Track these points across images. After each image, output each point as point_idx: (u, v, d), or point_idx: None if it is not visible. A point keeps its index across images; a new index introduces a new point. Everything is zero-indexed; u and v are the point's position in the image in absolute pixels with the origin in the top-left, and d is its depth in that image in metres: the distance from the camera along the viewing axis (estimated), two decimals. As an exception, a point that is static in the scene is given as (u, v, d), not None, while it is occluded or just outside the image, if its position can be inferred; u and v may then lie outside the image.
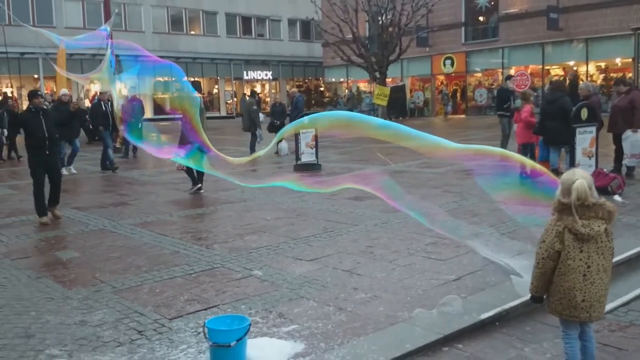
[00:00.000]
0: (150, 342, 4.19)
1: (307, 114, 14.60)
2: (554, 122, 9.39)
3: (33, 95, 8.22)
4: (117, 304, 4.94)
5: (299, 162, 13.24)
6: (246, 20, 41.61)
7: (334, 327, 4.37)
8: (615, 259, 5.42)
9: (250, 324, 3.84)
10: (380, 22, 26.63)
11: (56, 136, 8.44)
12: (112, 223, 8.07)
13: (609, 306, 4.65)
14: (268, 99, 38.04)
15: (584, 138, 8.80)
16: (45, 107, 8.56)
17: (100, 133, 14.40)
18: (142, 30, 36.51)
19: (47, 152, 8.11)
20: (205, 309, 4.78)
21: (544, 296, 3.46)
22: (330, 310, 4.71)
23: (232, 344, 3.70)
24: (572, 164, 8.73)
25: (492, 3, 29.75)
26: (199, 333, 4.30)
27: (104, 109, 14.29)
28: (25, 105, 28.16)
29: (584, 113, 8.83)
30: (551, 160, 9.71)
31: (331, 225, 7.60)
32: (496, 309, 4.52)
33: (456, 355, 4.02)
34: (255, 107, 16.87)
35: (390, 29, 26.37)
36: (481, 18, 30.96)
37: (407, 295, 4.96)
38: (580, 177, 3.24)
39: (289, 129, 7.78)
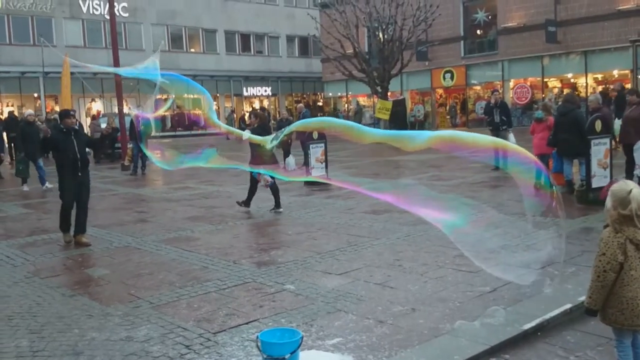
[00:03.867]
0: (199, 356, 4.23)
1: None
2: (567, 134, 9.52)
3: (65, 115, 8.09)
4: (159, 319, 4.99)
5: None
6: (245, 37, 41.89)
7: (378, 340, 4.42)
8: None
9: (302, 337, 3.90)
10: (381, 37, 26.88)
11: (88, 157, 8.34)
12: (136, 240, 8.11)
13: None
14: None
15: (599, 149, 8.92)
16: (76, 127, 8.48)
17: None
18: (143, 48, 36.68)
19: (79, 174, 8.00)
20: (247, 323, 4.83)
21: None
22: (371, 323, 4.76)
23: (287, 356, 3.75)
24: (588, 175, 8.85)
25: (490, 17, 30.09)
26: (246, 346, 4.35)
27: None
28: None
29: (598, 125, 8.96)
30: (565, 171, 9.83)
31: (354, 239, 7.66)
32: (537, 319, 4.58)
33: (504, 365, 4.09)
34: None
35: (391, 44, 26.62)
36: (480, 32, 31.30)
37: (445, 308, 5.02)
38: (634, 187, 3.32)
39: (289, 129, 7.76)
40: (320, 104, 43.67)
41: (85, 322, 5.02)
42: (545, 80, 28.82)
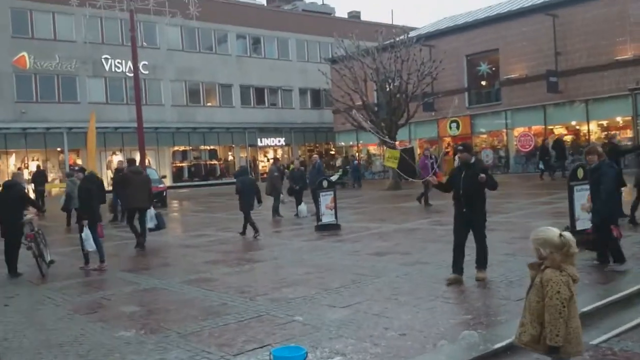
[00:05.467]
0: (222, 372, 5.08)
1: (326, 177, 15.79)
2: None
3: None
4: (186, 345, 5.85)
5: (319, 223, 14.19)
6: (259, 91, 43.64)
7: (372, 358, 5.24)
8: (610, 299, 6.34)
9: (307, 352, 4.74)
10: (388, 90, 28.14)
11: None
12: (162, 282, 9.02)
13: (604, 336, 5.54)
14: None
15: (582, 195, 9.73)
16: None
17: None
18: (162, 103, 38.45)
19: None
20: (261, 347, 5.68)
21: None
22: (367, 345, 5.58)
23: (294, 367, 4.61)
24: (572, 219, 9.65)
25: (493, 69, 31.35)
26: (261, 364, 5.20)
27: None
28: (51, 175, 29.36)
29: (580, 172, 9.82)
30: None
31: (357, 278, 8.50)
32: (507, 340, 5.38)
33: (475, 376, 4.88)
34: (276, 174, 18.02)
35: (398, 96, 27.84)
36: (483, 83, 32.53)
37: (431, 332, 5.84)
38: (557, 230, 3.93)
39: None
40: (332, 152, 44.94)
41: (124, 348, 5.90)
42: (549, 127, 29.75)
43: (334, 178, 28.41)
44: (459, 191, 7.84)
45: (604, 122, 28.45)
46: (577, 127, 29.46)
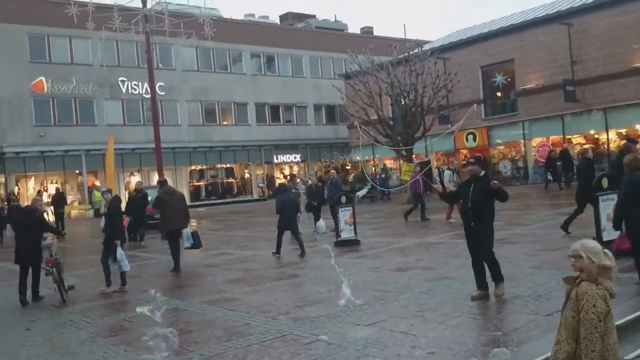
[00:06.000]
0: (248, 395, 4.97)
1: (344, 192, 15.71)
2: None
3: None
4: (210, 367, 5.76)
5: (339, 239, 14.07)
6: (274, 108, 43.83)
7: (400, 377, 5.11)
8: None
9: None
10: (403, 104, 28.05)
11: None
12: (183, 302, 8.95)
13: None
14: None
15: (607, 205, 9.53)
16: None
17: None
18: (179, 123, 38.72)
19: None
20: (287, 368, 5.57)
21: None
22: (395, 364, 5.45)
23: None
24: (597, 229, 9.45)
25: (509, 80, 31.16)
26: (287, 386, 5.08)
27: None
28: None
29: (605, 182, 9.64)
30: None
31: (381, 294, 8.36)
32: (540, 357, 5.22)
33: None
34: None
35: (413, 110, 27.75)
36: (499, 94, 32.34)
37: (460, 350, 5.69)
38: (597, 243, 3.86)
39: None
40: (348, 167, 44.88)
41: (147, 370, 5.82)
42: (567, 137, 29.42)
43: (362, 193, 28.31)
44: (467, 205, 7.65)
45: (623, 130, 28.05)
46: (596, 136, 29.10)
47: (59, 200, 23.86)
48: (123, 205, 14.47)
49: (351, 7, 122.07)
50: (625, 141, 14.83)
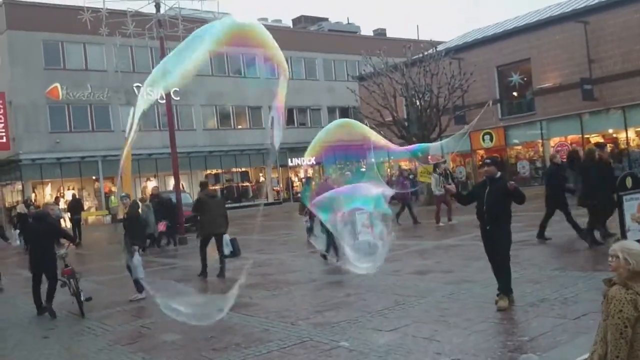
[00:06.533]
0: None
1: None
2: None
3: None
4: (230, 375, 5.64)
5: (355, 242, 13.88)
6: (289, 111, 43.71)
7: (426, 386, 4.96)
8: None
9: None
10: (418, 105, 27.84)
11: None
12: (201, 308, 8.84)
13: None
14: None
15: (632, 205, 9.29)
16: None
17: None
18: (194, 128, 38.76)
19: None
20: (308, 376, 5.43)
21: None
22: (419, 371, 5.30)
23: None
24: (622, 229, 9.21)
25: (525, 79, 30.81)
26: (309, 395, 4.94)
27: None
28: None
29: (629, 181, 9.39)
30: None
31: (401, 299, 8.20)
32: (570, 362, 5.04)
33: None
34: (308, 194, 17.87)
35: (428, 110, 27.53)
36: (516, 94, 31.99)
37: (486, 357, 5.51)
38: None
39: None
40: (362, 169, 44.67)
41: (166, 379, 5.71)
42: (586, 136, 29.01)
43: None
44: (482, 207, 7.32)
45: (641, 129, 27.66)
46: (614, 135, 28.66)
47: (75, 206, 23.90)
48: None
49: (364, 9, 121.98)
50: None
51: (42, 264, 9.42)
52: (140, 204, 13.79)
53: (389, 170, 38.66)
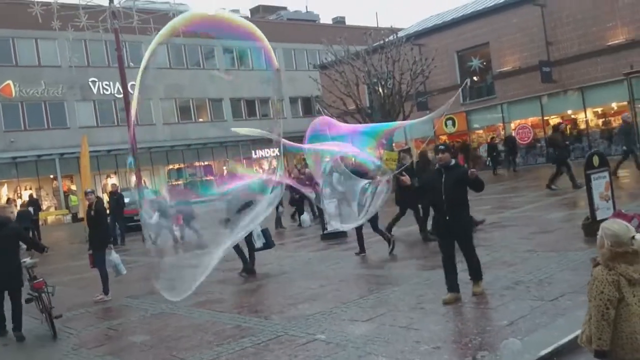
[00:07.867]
0: (247, 405, 4.63)
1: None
2: None
3: None
4: (204, 376, 5.40)
5: (325, 232, 13.75)
6: (250, 103, 43.25)
7: (408, 376, 4.81)
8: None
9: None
10: (381, 92, 27.77)
11: None
12: (170, 306, 8.54)
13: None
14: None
15: (599, 183, 9.35)
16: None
17: None
18: (153, 122, 37.94)
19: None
20: (286, 372, 5.23)
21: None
22: (400, 362, 5.15)
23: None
24: (591, 208, 9.26)
25: (485, 63, 31.06)
26: (288, 393, 4.75)
27: None
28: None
29: (596, 160, 9.45)
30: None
31: (375, 287, 8.06)
32: (552, 345, 4.96)
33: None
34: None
35: (391, 97, 27.48)
36: (476, 78, 32.23)
37: (467, 343, 5.40)
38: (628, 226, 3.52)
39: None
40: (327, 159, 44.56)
41: (136, 383, 5.44)
42: (545, 118, 29.44)
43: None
44: (440, 197, 6.93)
45: (600, 109, 28.19)
46: (573, 116, 29.16)
47: (32, 206, 23.09)
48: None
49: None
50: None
51: (6, 279, 7.83)
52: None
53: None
